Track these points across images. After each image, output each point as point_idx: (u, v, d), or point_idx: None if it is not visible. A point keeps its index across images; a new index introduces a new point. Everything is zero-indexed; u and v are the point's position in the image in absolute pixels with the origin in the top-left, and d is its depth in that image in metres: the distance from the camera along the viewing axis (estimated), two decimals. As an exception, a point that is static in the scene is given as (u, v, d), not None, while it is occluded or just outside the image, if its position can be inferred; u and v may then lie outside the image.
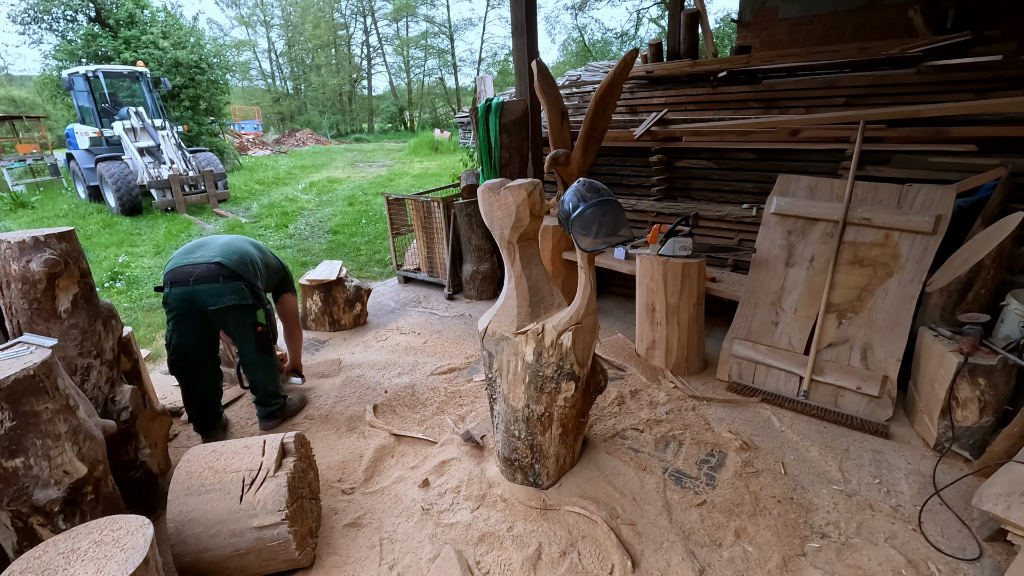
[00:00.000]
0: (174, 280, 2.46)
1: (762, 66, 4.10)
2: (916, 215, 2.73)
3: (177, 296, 2.47)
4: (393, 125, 34.05)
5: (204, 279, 2.46)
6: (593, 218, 1.93)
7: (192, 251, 2.56)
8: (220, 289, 2.48)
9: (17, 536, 1.64)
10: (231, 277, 2.51)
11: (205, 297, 2.46)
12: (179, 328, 2.54)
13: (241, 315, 2.58)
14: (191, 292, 2.45)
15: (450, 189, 5.52)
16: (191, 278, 2.45)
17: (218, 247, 2.58)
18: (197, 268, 2.46)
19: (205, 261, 2.48)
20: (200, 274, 2.45)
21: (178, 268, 2.47)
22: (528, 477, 2.25)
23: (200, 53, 15.40)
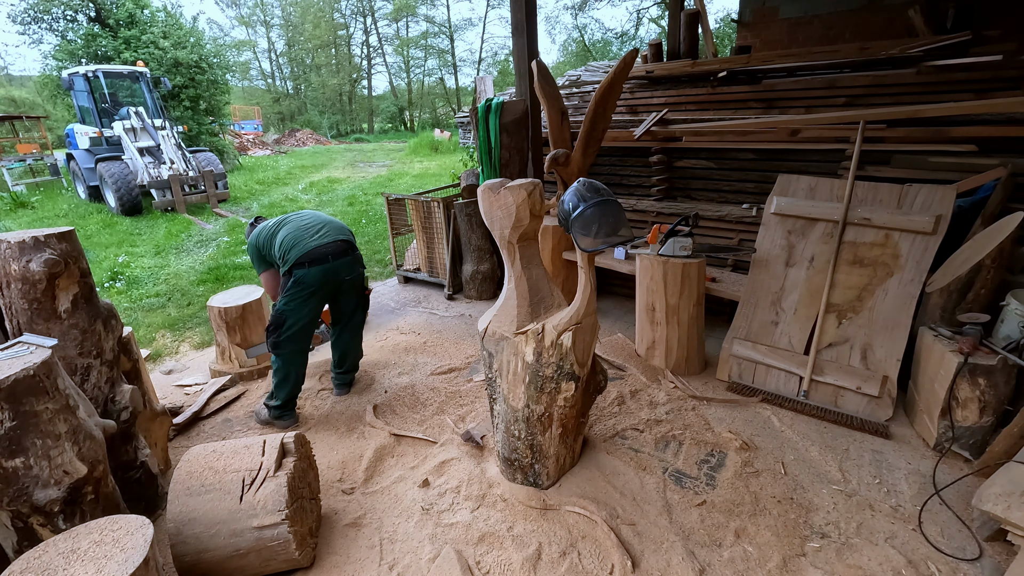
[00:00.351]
0: (313, 259, 2.69)
1: (762, 66, 4.10)
2: (916, 215, 2.73)
3: (318, 273, 2.70)
4: (393, 125, 34.04)
5: (339, 255, 2.77)
6: (593, 218, 1.93)
7: (313, 234, 2.77)
8: (351, 261, 2.87)
9: (17, 536, 1.64)
10: (353, 249, 2.91)
11: (342, 270, 2.80)
12: (306, 305, 2.73)
13: (361, 281, 3.01)
14: (332, 268, 2.74)
15: (450, 189, 5.52)
16: (329, 255, 2.72)
17: (330, 226, 2.86)
18: (331, 246, 2.75)
19: (332, 239, 2.78)
20: (334, 251, 2.76)
21: (315, 249, 2.70)
22: (528, 477, 2.25)
23: (200, 53, 15.40)
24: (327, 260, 2.72)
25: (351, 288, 2.95)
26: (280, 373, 2.78)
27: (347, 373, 3.18)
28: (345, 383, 3.18)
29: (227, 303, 3.32)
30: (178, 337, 4.20)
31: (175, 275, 5.85)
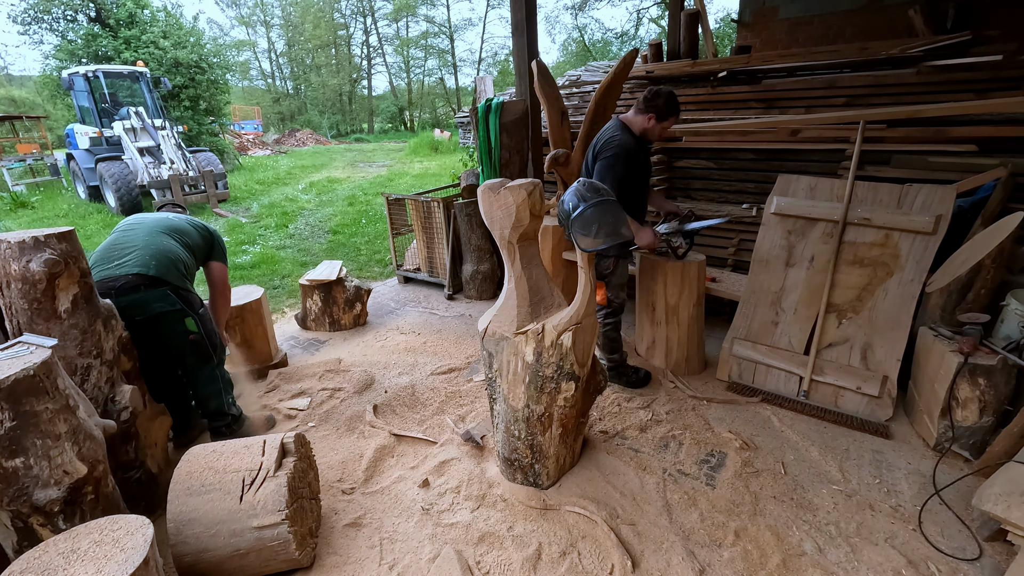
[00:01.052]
0: (100, 292, 2.23)
1: (762, 66, 4.10)
2: (916, 215, 2.73)
3: None
4: (393, 125, 34.04)
5: (125, 291, 2.29)
6: (593, 218, 1.93)
7: (111, 258, 2.37)
8: (143, 299, 2.33)
9: (17, 536, 1.64)
10: (152, 285, 2.35)
11: (129, 309, 2.30)
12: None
13: (171, 324, 2.41)
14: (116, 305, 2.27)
15: (450, 189, 5.52)
16: (113, 291, 2.28)
17: (138, 253, 2.39)
18: (118, 280, 2.29)
19: (124, 273, 2.31)
20: (121, 286, 2.29)
21: (100, 282, 2.27)
22: (528, 477, 2.25)
23: (200, 53, 15.41)
24: (110, 295, 2.26)
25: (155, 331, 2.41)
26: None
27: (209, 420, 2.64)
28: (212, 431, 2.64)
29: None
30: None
31: (175, 275, 5.84)
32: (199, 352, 2.52)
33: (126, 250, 2.40)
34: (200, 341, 2.50)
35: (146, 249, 2.42)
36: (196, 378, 2.57)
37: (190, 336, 2.47)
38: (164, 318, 2.39)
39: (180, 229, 2.63)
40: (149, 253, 2.41)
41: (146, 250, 2.41)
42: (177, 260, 2.50)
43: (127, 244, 2.43)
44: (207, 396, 2.59)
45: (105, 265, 2.34)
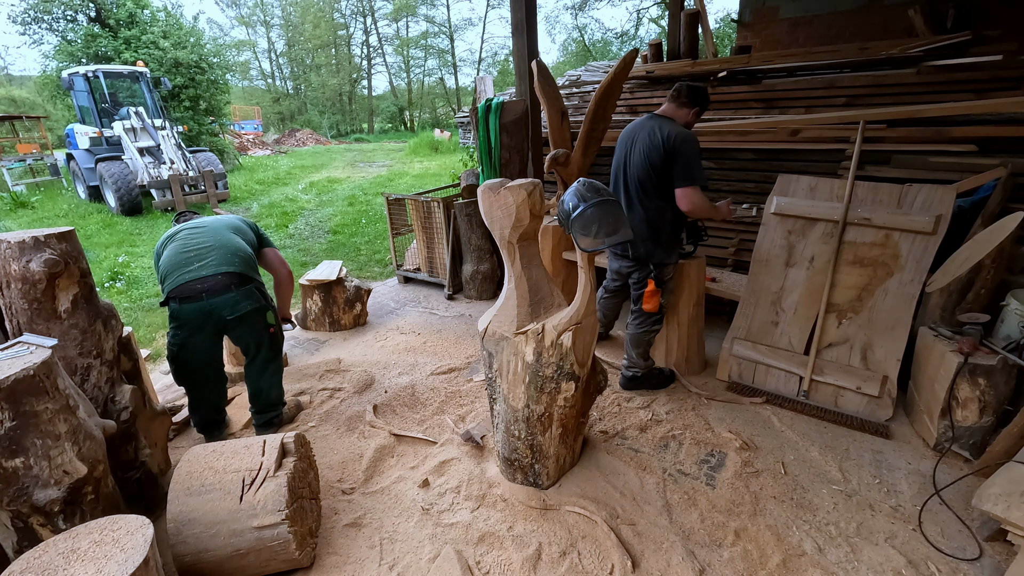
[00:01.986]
0: (184, 296, 2.34)
1: (762, 66, 4.10)
2: (916, 215, 2.73)
3: (191, 312, 2.36)
4: (393, 125, 34.05)
5: (216, 291, 2.37)
6: (593, 218, 1.93)
7: (191, 261, 2.41)
8: (235, 298, 2.41)
9: (17, 536, 1.64)
10: (242, 283, 2.44)
11: (221, 308, 2.38)
12: (190, 341, 2.43)
13: (256, 319, 2.51)
14: (206, 307, 2.36)
15: (450, 189, 5.52)
16: (203, 292, 2.35)
17: (217, 253, 2.46)
18: (207, 281, 2.36)
19: (212, 272, 2.38)
20: (211, 287, 2.36)
21: (185, 284, 2.35)
22: (528, 477, 2.25)
23: (200, 53, 15.40)
24: (201, 298, 2.33)
25: (241, 327, 2.50)
26: (189, 399, 2.63)
27: (262, 413, 2.72)
28: (262, 423, 2.72)
29: None
30: (178, 337, 4.19)
31: (175, 275, 5.84)
32: (275, 344, 2.65)
33: (204, 252, 2.43)
34: (278, 333, 2.64)
35: (224, 248, 2.47)
36: (267, 370, 2.64)
37: (270, 329, 2.58)
38: (252, 314, 2.47)
39: (237, 226, 2.70)
40: (229, 252, 2.47)
41: (224, 249, 2.47)
42: (250, 256, 2.58)
43: (202, 245, 2.46)
44: (271, 386, 2.68)
45: (185, 268, 2.37)
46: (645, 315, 2.90)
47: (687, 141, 2.53)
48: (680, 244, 2.88)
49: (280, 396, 2.76)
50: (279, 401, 2.76)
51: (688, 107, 2.68)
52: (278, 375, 2.71)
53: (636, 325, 2.95)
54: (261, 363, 2.63)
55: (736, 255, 3.88)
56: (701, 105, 2.70)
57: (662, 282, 2.83)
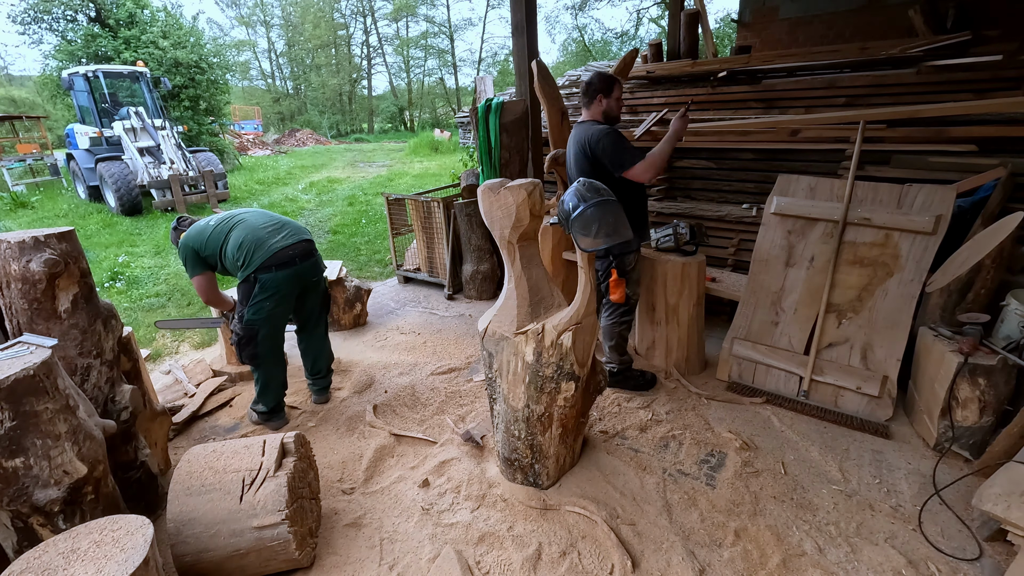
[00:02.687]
0: (280, 262, 2.53)
1: (762, 66, 4.10)
2: (916, 215, 2.73)
3: (285, 277, 2.56)
4: (393, 125, 34.04)
5: (304, 256, 2.63)
6: (593, 218, 1.93)
7: (273, 234, 2.60)
8: (316, 262, 2.74)
9: (17, 536, 1.64)
10: (315, 250, 2.75)
11: (308, 273, 2.66)
12: (276, 311, 2.61)
13: (321, 280, 2.82)
14: (298, 271, 2.60)
15: (450, 189, 5.52)
16: (296, 257, 2.58)
17: (290, 224, 2.71)
18: (296, 247, 2.60)
19: (296, 240, 2.62)
20: (300, 253, 2.61)
21: (280, 251, 2.55)
22: (528, 477, 2.25)
23: (200, 53, 15.40)
24: (294, 263, 2.57)
25: (315, 289, 2.81)
26: (261, 382, 2.72)
27: (323, 378, 3.02)
28: (323, 388, 3.03)
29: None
30: (178, 337, 4.20)
31: (175, 275, 5.85)
32: (328, 305, 2.98)
33: (276, 227, 2.65)
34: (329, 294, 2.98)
35: (289, 223, 2.72)
36: (325, 335, 2.97)
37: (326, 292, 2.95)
38: (323, 279, 2.85)
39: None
40: (296, 226, 2.72)
41: (290, 223, 2.72)
42: None
43: (270, 223, 2.67)
44: (328, 349, 3.00)
45: (272, 240, 2.57)
46: (613, 306, 2.95)
47: (601, 137, 2.63)
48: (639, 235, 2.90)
49: (331, 357, 3.06)
50: (331, 361, 3.06)
51: (592, 101, 2.75)
52: (327, 335, 3.02)
53: (606, 317, 2.99)
54: (322, 330, 2.94)
55: (736, 255, 3.88)
56: (603, 90, 2.73)
57: (624, 271, 2.84)
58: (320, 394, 3.03)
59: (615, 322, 2.97)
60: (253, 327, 2.58)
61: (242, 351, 2.64)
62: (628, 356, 3.08)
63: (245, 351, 2.63)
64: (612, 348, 3.03)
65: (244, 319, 2.59)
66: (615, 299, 2.82)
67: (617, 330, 2.98)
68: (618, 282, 2.79)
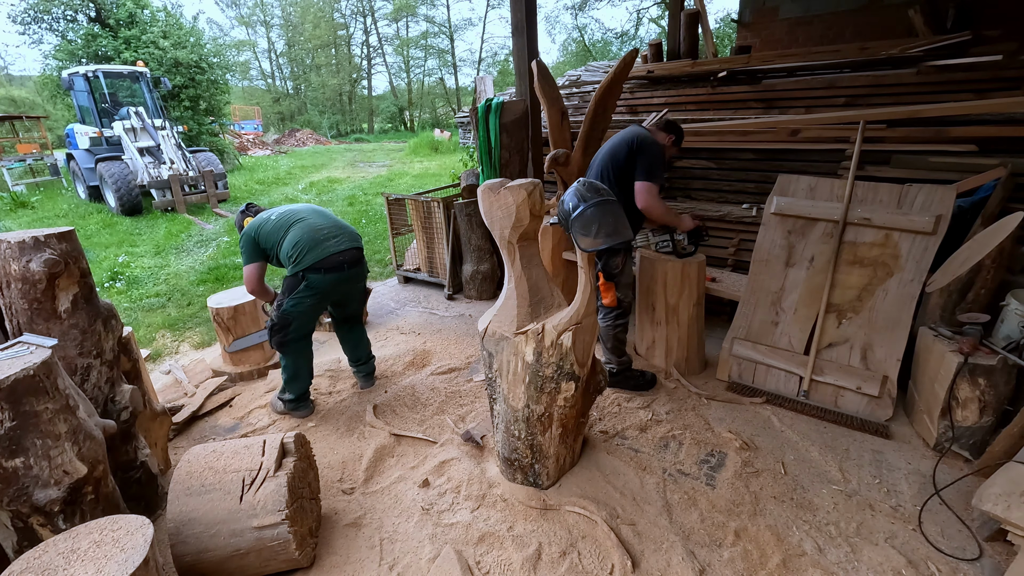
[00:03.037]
0: (330, 266, 2.69)
1: (762, 66, 4.10)
2: (916, 215, 2.73)
3: (332, 280, 2.72)
4: (393, 125, 34.04)
5: (354, 264, 2.81)
6: (593, 218, 1.93)
7: (328, 238, 2.74)
8: (364, 268, 2.93)
9: (17, 536, 1.64)
10: (364, 257, 2.91)
11: (354, 279, 2.85)
12: (314, 307, 2.77)
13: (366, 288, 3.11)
14: (346, 276, 2.77)
15: (450, 189, 5.52)
16: (345, 264, 2.75)
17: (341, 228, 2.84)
18: (347, 255, 2.76)
19: (347, 247, 2.77)
20: (350, 260, 2.78)
21: (333, 256, 2.70)
22: (528, 477, 2.25)
23: (200, 53, 15.40)
24: (343, 268, 2.74)
25: (358, 293, 3.03)
26: (289, 370, 2.83)
27: (366, 363, 3.23)
28: (368, 373, 3.24)
29: (223, 303, 3.32)
30: (178, 337, 4.20)
31: (175, 275, 5.85)
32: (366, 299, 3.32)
33: (332, 231, 2.80)
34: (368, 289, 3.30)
35: (344, 228, 2.87)
36: (362, 320, 3.22)
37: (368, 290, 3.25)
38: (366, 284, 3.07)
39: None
40: (350, 233, 2.87)
41: (345, 229, 2.87)
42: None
43: (326, 226, 2.81)
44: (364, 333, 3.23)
45: (326, 243, 2.72)
46: (606, 310, 2.97)
47: (655, 144, 2.79)
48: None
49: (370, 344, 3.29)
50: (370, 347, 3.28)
51: (667, 132, 3.03)
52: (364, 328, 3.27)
53: (600, 320, 3.00)
54: (358, 321, 3.16)
55: (736, 255, 3.88)
56: (678, 137, 3.06)
57: (611, 275, 2.85)
58: (366, 380, 3.23)
59: (609, 325, 2.98)
60: (288, 318, 2.73)
61: (272, 336, 2.77)
62: (627, 356, 3.08)
63: (275, 337, 2.76)
64: (609, 350, 3.04)
65: (282, 308, 2.73)
66: (606, 303, 2.90)
67: (612, 332, 2.99)
68: (607, 286, 2.84)
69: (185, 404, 3.04)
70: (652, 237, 3.13)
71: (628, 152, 2.76)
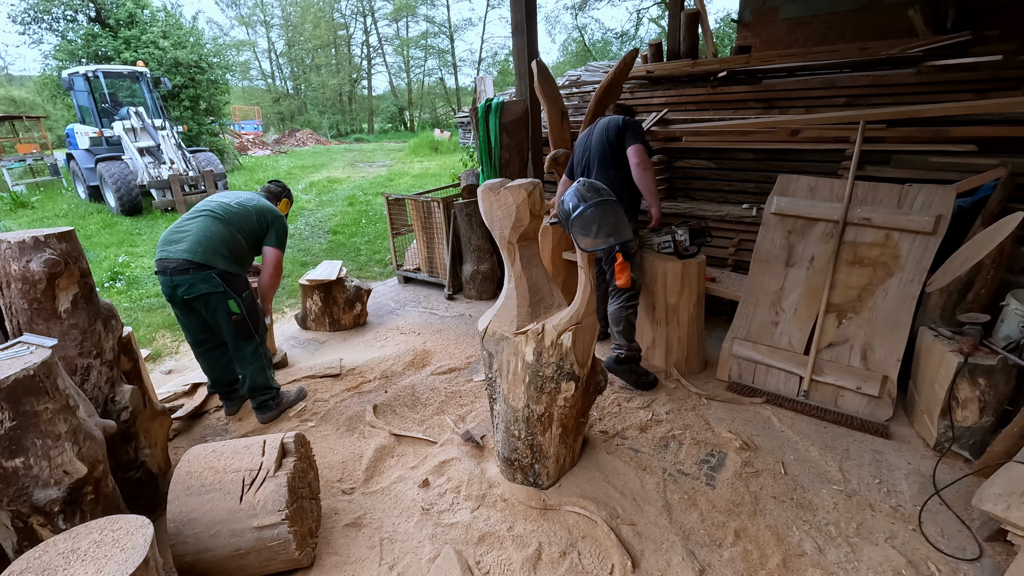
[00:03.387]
0: (159, 270, 2.67)
1: (762, 66, 4.10)
2: (916, 215, 2.73)
3: (163, 284, 2.69)
4: (393, 125, 34.03)
5: (178, 271, 2.63)
6: (593, 218, 1.93)
7: (170, 240, 2.69)
8: (191, 279, 2.64)
9: (17, 536, 1.64)
10: (199, 268, 2.64)
11: (179, 286, 2.65)
12: (173, 309, 2.81)
13: (215, 303, 2.71)
14: (170, 283, 2.65)
15: (450, 189, 5.52)
16: (168, 269, 2.63)
17: (191, 238, 2.67)
18: (171, 262, 2.63)
19: (176, 256, 2.63)
20: (174, 267, 2.63)
21: (159, 260, 2.66)
22: (528, 477, 2.25)
23: (200, 53, 15.40)
24: (166, 273, 2.63)
25: (202, 308, 2.73)
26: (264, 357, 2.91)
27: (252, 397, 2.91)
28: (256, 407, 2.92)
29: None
30: (178, 337, 4.20)
31: (175, 275, 5.84)
32: (241, 331, 2.81)
33: (182, 236, 2.71)
34: (242, 321, 2.78)
35: (198, 236, 2.70)
36: (241, 355, 2.84)
37: (232, 316, 2.76)
38: (208, 298, 2.70)
39: (243, 214, 2.88)
40: (202, 240, 2.69)
41: (198, 237, 2.70)
42: (227, 246, 2.76)
43: (185, 229, 2.73)
44: (252, 372, 2.86)
45: (164, 246, 2.68)
46: (619, 291, 3.00)
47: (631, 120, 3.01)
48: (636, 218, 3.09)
49: (266, 381, 2.91)
50: (265, 385, 2.91)
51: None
52: (257, 361, 2.86)
53: (613, 302, 3.04)
54: (231, 347, 2.85)
55: (736, 255, 3.88)
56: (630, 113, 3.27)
57: (629, 255, 2.91)
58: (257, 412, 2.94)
59: (622, 306, 3.01)
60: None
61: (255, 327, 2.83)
62: (637, 345, 3.10)
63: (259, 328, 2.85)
64: (620, 333, 3.05)
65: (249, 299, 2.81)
66: (621, 284, 2.93)
67: (624, 314, 3.01)
68: (623, 265, 2.88)
69: (184, 404, 3.04)
70: (654, 238, 3.14)
71: (618, 132, 2.94)
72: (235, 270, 2.77)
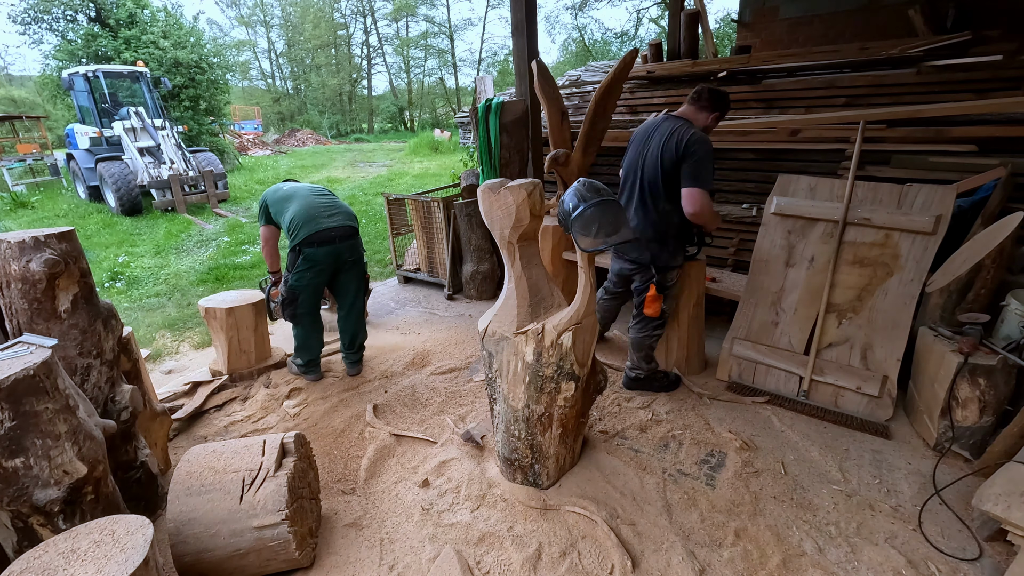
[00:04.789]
0: (322, 240, 2.95)
1: (762, 66, 4.10)
2: (916, 215, 2.73)
3: (325, 253, 2.98)
4: (393, 125, 34.03)
5: (345, 237, 3.04)
6: (593, 218, 1.93)
7: (324, 215, 3.00)
8: (355, 244, 3.14)
9: (17, 536, 1.64)
10: (357, 234, 3.16)
11: (345, 252, 3.06)
12: (314, 281, 3.04)
13: (361, 265, 3.25)
14: (337, 249, 3.01)
15: (450, 189, 5.52)
16: (336, 237, 2.99)
17: (342, 210, 3.11)
18: (338, 230, 3.00)
19: (341, 224, 3.03)
20: (341, 234, 3.02)
21: (324, 231, 2.95)
22: (528, 477, 2.25)
23: (200, 53, 15.40)
24: (334, 242, 2.97)
25: (352, 268, 3.17)
26: (300, 339, 3.17)
27: (356, 352, 3.37)
28: (355, 361, 3.38)
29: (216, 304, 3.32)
30: (178, 337, 4.20)
31: (175, 275, 5.85)
32: (366, 288, 3.40)
33: (332, 208, 3.08)
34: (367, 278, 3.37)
35: (341, 208, 3.14)
36: (361, 314, 3.32)
37: (366, 275, 3.35)
38: (360, 261, 3.22)
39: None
40: (346, 211, 3.15)
41: (342, 208, 3.14)
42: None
43: (324, 204, 3.08)
44: (362, 327, 3.36)
45: (321, 219, 2.98)
46: (646, 319, 2.87)
47: (700, 143, 2.46)
48: (684, 250, 2.82)
49: (366, 335, 3.43)
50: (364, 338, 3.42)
51: (708, 111, 2.61)
52: (364, 319, 3.40)
53: (637, 329, 2.93)
54: (358, 308, 3.28)
55: (736, 255, 3.88)
56: (721, 110, 2.63)
57: (664, 287, 2.78)
58: (353, 367, 3.38)
59: (647, 335, 2.90)
60: (294, 292, 3.03)
61: (285, 310, 3.09)
62: (655, 363, 3.04)
63: (287, 310, 3.08)
64: (641, 358, 2.98)
65: (288, 283, 3.04)
66: (649, 313, 2.80)
67: (648, 343, 2.93)
68: (655, 298, 2.76)
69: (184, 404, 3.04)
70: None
71: (677, 158, 2.49)
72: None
